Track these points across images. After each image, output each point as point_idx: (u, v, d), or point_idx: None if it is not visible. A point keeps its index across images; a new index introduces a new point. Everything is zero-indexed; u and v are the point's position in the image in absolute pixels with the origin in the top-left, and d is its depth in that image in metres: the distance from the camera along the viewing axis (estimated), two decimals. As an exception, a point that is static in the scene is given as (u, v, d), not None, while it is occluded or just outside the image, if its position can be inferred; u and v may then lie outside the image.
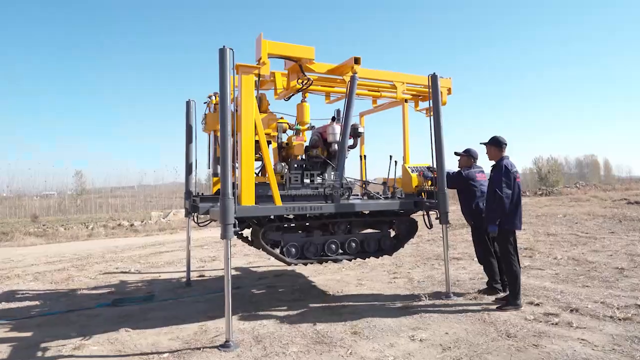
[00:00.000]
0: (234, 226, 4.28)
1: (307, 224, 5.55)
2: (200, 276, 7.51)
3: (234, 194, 4.33)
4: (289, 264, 5.28)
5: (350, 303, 5.51)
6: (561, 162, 59.68)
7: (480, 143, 5.57)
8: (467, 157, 6.00)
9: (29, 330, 4.84)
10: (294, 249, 5.29)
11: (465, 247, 9.11)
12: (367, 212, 5.79)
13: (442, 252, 5.68)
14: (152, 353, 4.09)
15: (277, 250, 5.29)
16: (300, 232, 5.54)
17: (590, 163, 72.16)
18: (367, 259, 6.49)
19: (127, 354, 4.09)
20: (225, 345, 4.14)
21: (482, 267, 5.91)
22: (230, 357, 3.95)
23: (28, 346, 4.35)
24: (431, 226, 5.93)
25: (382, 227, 5.94)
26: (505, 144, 5.37)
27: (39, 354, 4.16)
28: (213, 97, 6.09)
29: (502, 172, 5.12)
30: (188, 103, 6.92)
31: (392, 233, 6.08)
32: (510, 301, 5.07)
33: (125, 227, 16.48)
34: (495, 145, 5.39)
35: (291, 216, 5.36)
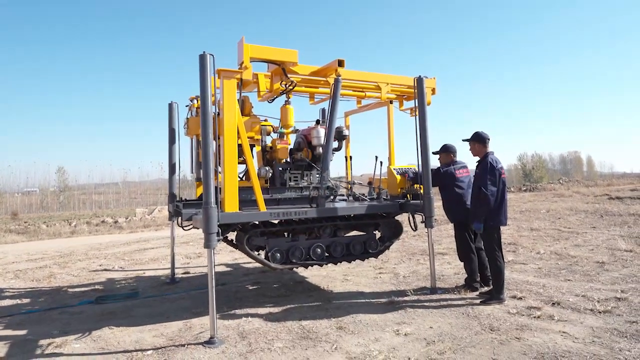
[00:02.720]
0: (218, 234, 4.24)
1: (292, 228, 5.47)
2: (185, 273, 7.46)
3: (217, 200, 4.26)
4: (274, 269, 5.21)
5: (336, 299, 5.53)
6: (545, 158, 60.82)
7: (463, 140, 5.53)
8: (446, 153, 5.95)
9: (10, 329, 4.76)
10: (279, 254, 5.21)
11: (450, 243, 9.18)
12: (352, 215, 5.75)
13: (427, 247, 5.70)
14: (135, 350, 4.05)
15: (262, 256, 5.25)
16: (285, 236, 5.47)
17: (573, 159, 73.48)
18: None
19: (110, 352, 4.05)
20: (210, 342, 4.12)
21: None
22: (215, 354, 3.93)
23: (9, 344, 4.28)
24: (416, 228, 5.88)
25: (368, 229, 5.89)
26: (489, 139, 5.33)
27: (21, 352, 4.08)
28: (195, 101, 6.00)
29: (487, 169, 5.08)
30: (171, 105, 6.91)
31: (378, 235, 6.04)
32: (494, 295, 5.12)
33: (109, 223, 16.27)
34: (478, 141, 5.35)
35: (276, 221, 5.33)
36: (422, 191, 5.65)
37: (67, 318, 5.09)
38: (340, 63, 5.38)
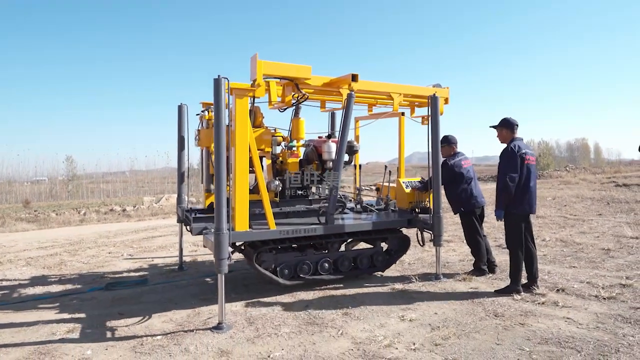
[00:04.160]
0: (228, 259, 4.27)
1: (300, 243, 5.43)
2: (193, 260, 7.55)
3: (227, 213, 4.25)
4: (282, 285, 5.22)
5: (342, 286, 5.58)
6: (552, 145, 60.41)
7: (490, 126, 5.37)
8: (448, 145, 5.93)
9: (21, 315, 4.86)
10: (287, 270, 5.23)
11: (455, 230, 9.20)
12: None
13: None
14: (145, 336, 4.14)
15: (269, 271, 5.23)
16: (293, 250, 5.45)
17: (580, 147, 72.92)
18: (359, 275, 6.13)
19: (120, 337, 4.14)
20: (218, 327, 4.21)
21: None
22: (223, 338, 4.01)
23: (21, 330, 4.38)
24: (424, 244, 5.86)
25: (375, 242, 5.87)
26: (517, 125, 5.19)
27: (32, 337, 4.19)
28: (206, 112, 5.96)
29: (508, 155, 5.00)
30: (180, 107, 6.63)
31: (384, 247, 6.01)
32: (511, 287, 4.98)
33: (118, 212, 16.42)
34: (506, 127, 5.21)
35: None
36: (430, 205, 5.63)
37: (78, 304, 5.19)
38: (354, 77, 5.24)
